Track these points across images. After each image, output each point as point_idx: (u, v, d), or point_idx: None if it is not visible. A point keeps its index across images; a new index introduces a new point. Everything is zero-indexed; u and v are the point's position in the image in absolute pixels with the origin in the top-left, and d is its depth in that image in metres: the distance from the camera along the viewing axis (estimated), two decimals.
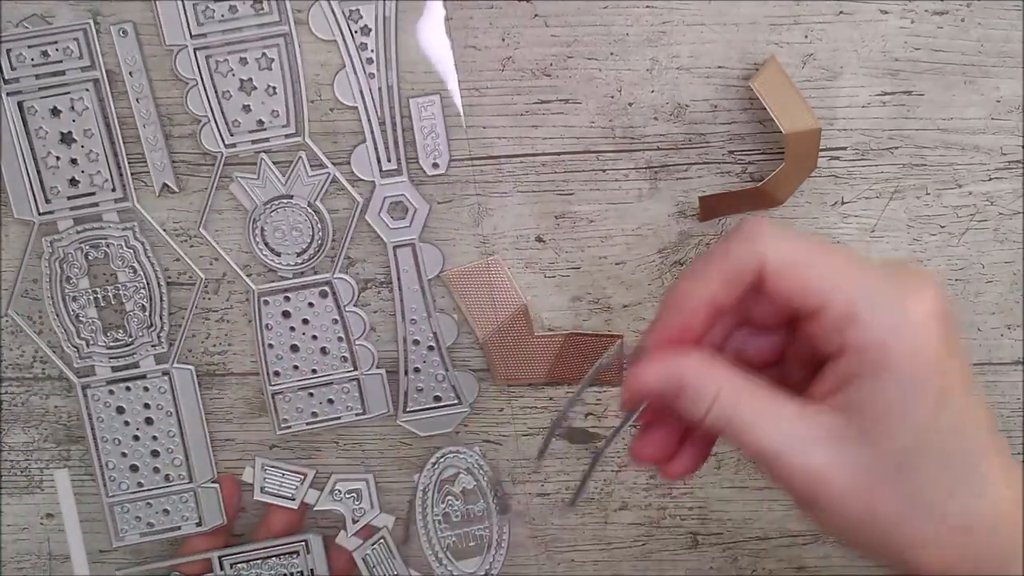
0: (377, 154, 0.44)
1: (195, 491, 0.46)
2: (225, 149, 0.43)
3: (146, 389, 0.46)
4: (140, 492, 0.46)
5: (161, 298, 0.45)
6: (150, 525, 0.46)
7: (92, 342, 0.45)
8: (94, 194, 0.44)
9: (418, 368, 0.46)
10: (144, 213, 0.44)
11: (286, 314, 0.45)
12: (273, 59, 0.43)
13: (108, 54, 0.43)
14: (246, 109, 0.43)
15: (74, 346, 0.45)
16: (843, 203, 0.45)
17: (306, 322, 0.45)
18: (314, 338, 0.46)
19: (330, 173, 0.44)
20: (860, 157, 0.44)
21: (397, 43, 0.43)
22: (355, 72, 0.43)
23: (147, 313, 0.45)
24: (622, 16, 0.43)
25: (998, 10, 0.42)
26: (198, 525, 0.46)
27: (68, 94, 0.43)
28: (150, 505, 0.46)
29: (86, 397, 0.45)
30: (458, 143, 0.44)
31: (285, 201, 0.44)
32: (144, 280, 0.45)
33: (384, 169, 0.44)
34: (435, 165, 0.44)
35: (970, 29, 0.43)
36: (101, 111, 0.43)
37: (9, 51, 0.42)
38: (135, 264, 0.45)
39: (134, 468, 0.46)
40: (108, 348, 0.45)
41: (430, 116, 0.43)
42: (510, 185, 0.45)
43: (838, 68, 0.43)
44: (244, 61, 0.42)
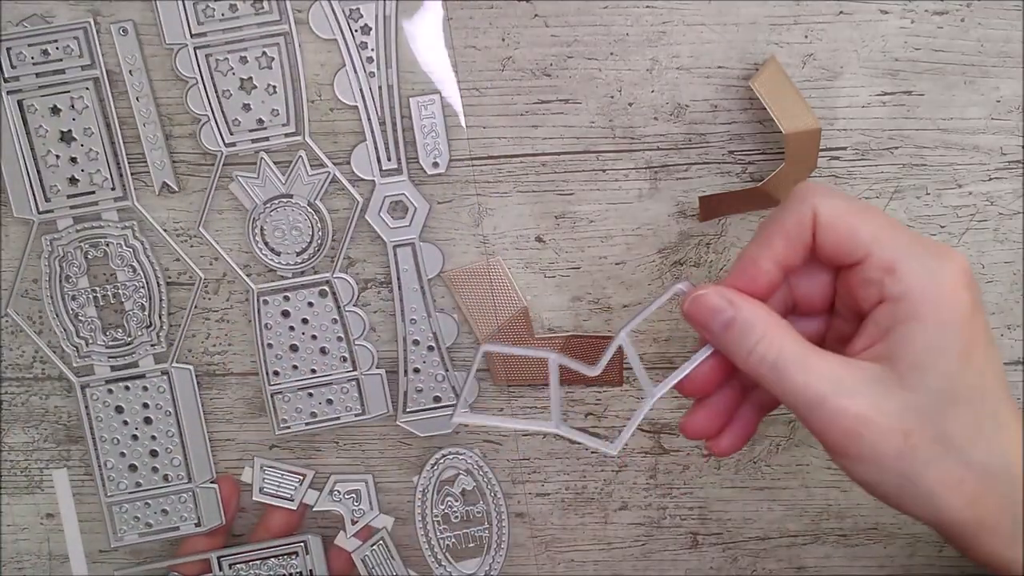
0: (377, 153, 0.44)
1: (194, 491, 0.46)
2: (225, 148, 0.43)
3: (145, 389, 0.46)
4: (139, 492, 0.46)
5: (160, 297, 0.45)
6: (148, 525, 0.46)
7: (91, 341, 0.45)
8: (94, 193, 0.44)
9: (418, 368, 0.46)
10: (144, 212, 0.44)
11: (285, 314, 0.45)
12: (273, 58, 0.43)
13: (108, 53, 0.43)
14: (246, 108, 0.43)
15: (73, 345, 0.45)
16: None
17: (305, 322, 0.45)
18: (313, 338, 0.45)
19: (330, 172, 0.44)
20: (860, 157, 0.44)
21: (397, 42, 0.43)
22: (355, 71, 0.43)
23: (146, 312, 0.45)
24: (622, 16, 0.43)
25: (998, 10, 0.42)
26: (197, 525, 0.46)
27: (68, 93, 0.43)
28: (148, 505, 0.46)
29: (85, 396, 0.46)
30: (458, 143, 0.44)
31: (285, 200, 0.44)
32: (143, 279, 0.45)
33: (384, 168, 0.44)
34: (435, 164, 0.44)
35: (970, 29, 0.43)
36: (101, 110, 0.43)
37: (9, 49, 0.42)
38: (134, 263, 0.45)
39: (133, 468, 0.46)
40: (107, 347, 0.45)
41: (430, 115, 0.43)
42: (510, 185, 0.45)
43: (838, 68, 0.43)
44: (244, 60, 0.43)
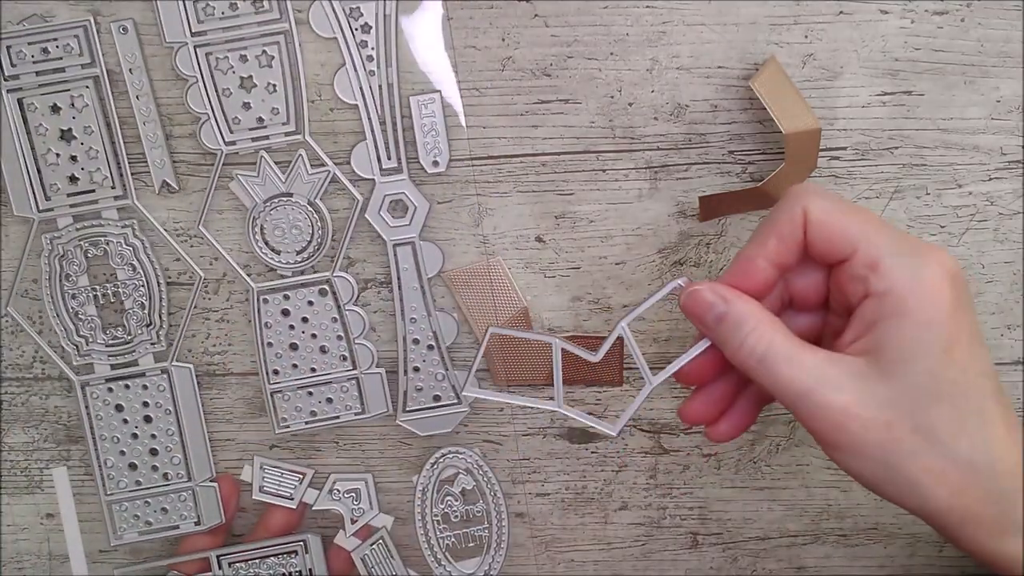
0: (377, 152, 0.44)
1: (194, 490, 0.46)
2: (225, 147, 0.43)
3: (145, 387, 0.46)
4: (138, 491, 0.46)
5: (160, 296, 0.45)
6: (148, 524, 0.46)
7: (91, 340, 0.45)
8: (94, 192, 0.44)
9: (418, 367, 0.46)
10: (144, 211, 0.44)
11: (285, 312, 0.45)
12: (273, 57, 0.43)
13: (108, 52, 0.43)
14: (246, 107, 0.43)
15: (73, 344, 0.45)
16: None
17: (305, 320, 0.45)
18: (313, 337, 0.45)
19: (330, 171, 0.44)
20: (860, 157, 0.44)
21: (397, 41, 0.43)
22: (355, 70, 0.43)
23: (146, 311, 0.45)
24: (622, 16, 0.43)
25: (998, 10, 0.42)
26: (196, 524, 0.46)
27: (68, 91, 0.43)
28: (148, 504, 0.46)
29: (85, 395, 0.46)
30: (458, 143, 0.44)
31: (285, 199, 0.44)
32: (143, 278, 0.45)
33: (384, 167, 0.44)
34: (435, 163, 0.44)
35: (970, 29, 0.43)
36: (101, 108, 0.43)
37: (9, 48, 0.42)
38: (134, 262, 0.45)
39: (132, 466, 0.46)
40: (107, 346, 0.45)
41: (430, 114, 0.43)
42: (510, 185, 0.45)
43: (838, 68, 0.43)
44: (244, 58, 0.43)
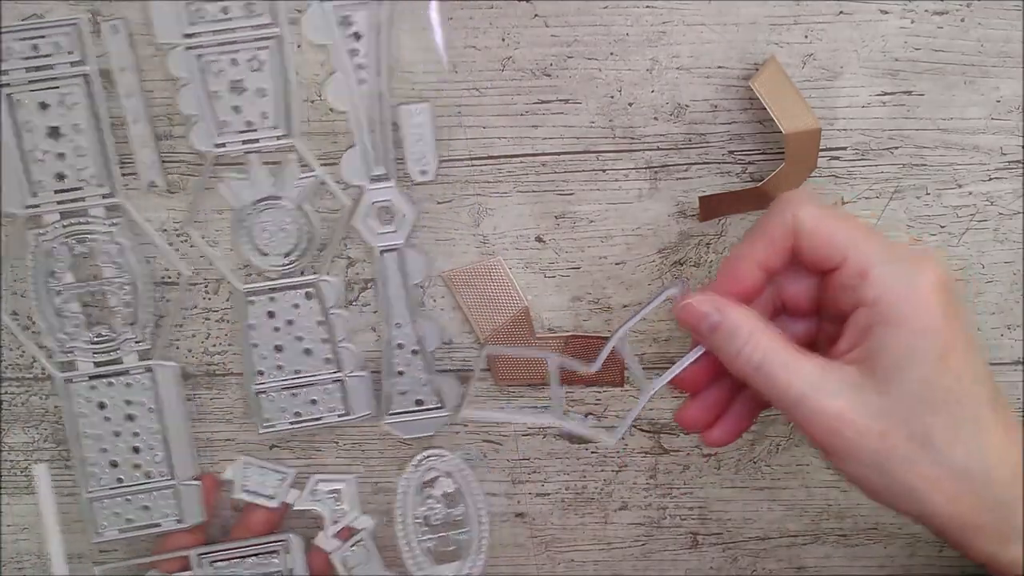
0: (366, 159, 0.44)
1: (176, 488, 0.46)
2: (215, 149, 0.43)
3: (128, 385, 0.45)
4: (119, 488, 0.46)
5: (146, 295, 0.45)
6: (129, 521, 0.46)
7: (75, 337, 0.45)
8: (81, 189, 0.43)
9: (401, 371, 0.46)
10: (131, 210, 0.44)
11: (271, 314, 0.45)
12: (265, 61, 0.42)
13: (99, 51, 0.42)
14: (236, 110, 0.43)
15: (57, 340, 0.45)
16: (843, 203, 0.45)
17: (291, 323, 0.45)
18: (298, 339, 0.45)
19: (318, 176, 0.44)
20: (860, 157, 0.44)
21: (389, 49, 0.42)
22: (346, 77, 0.42)
23: (131, 309, 0.45)
24: (622, 16, 0.43)
25: (998, 10, 0.42)
26: (178, 522, 0.46)
27: (57, 88, 0.42)
28: (129, 501, 0.46)
29: (68, 392, 0.45)
30: (458, 143, 0.44)
31: (273, 202, 0.44)
32: (129, 276, 0.45)
33: (373, 174, 0.44)
34: (423, 172, 0.44)
35: (970, 29, 0.43)
36: (90, 107, 0.43)
37: None
38: (120, 260, 0.44)
39: (114, 464, 0.46)
40: (91, 343, 0.45)
41: (419, 124, 0.43)
42: (510, 185, 0.45)
43: (838, 68, 0.43)
44: (235, 62, 0.42)
